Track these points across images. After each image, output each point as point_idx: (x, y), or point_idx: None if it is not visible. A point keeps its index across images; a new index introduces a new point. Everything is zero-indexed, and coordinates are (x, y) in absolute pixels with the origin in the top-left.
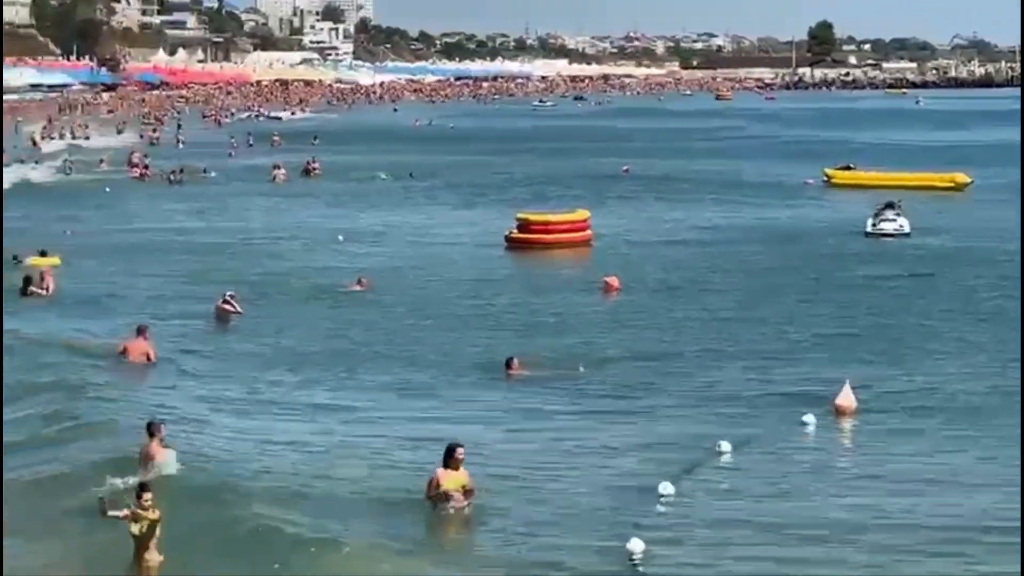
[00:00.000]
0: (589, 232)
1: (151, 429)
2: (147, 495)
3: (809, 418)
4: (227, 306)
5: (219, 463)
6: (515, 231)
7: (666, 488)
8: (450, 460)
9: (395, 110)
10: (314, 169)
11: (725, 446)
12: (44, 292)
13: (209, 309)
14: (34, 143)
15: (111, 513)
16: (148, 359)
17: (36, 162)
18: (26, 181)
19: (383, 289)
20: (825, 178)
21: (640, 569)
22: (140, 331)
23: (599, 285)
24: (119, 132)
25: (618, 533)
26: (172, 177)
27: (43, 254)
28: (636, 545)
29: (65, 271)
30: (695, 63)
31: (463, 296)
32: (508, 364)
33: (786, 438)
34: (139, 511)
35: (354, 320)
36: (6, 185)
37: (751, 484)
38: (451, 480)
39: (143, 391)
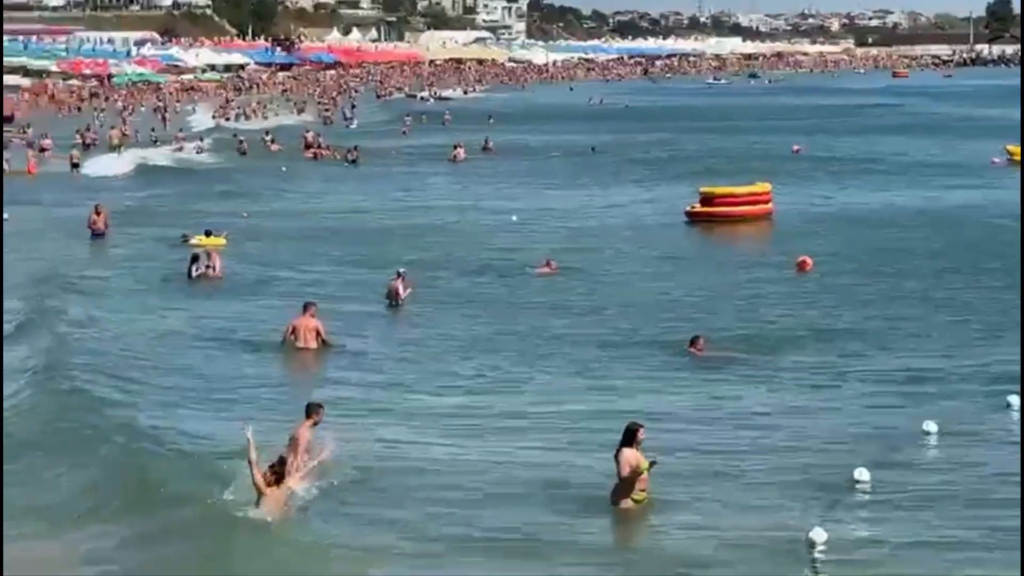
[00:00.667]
0: (771, 205)
1: (309, 411)
2: (274, 468)
3: (1014, 399)
4: (399, 283)
5: (385, 448)
6: (697, 205)
7: (862, 475)
8: (632, 441)
9: (571, 89)
10: (490, 148)
11: (931, 426)
12: (212, 272)
13: (383, 287)
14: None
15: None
16: (318, 335)
17: (201, 140)
18: (195, 161)
19: (567, 269)
20: (1009, 156)
21: (821, 561)
22: (306, 308)
23: (792, 263)
24: (299, 112)
25: (805, 522)
26: (348, 157)
27: (208, 234)
28: (819, 535)
29: (238, 253)
30: (870, 40)
31: (646, 274)
32: (693, 343)
33: (991, 420)
34: (263, 482)
35: (536, 301)
36: (176, 165)
37: (957, 469)
38: (637, 461)
39: (310, 375)
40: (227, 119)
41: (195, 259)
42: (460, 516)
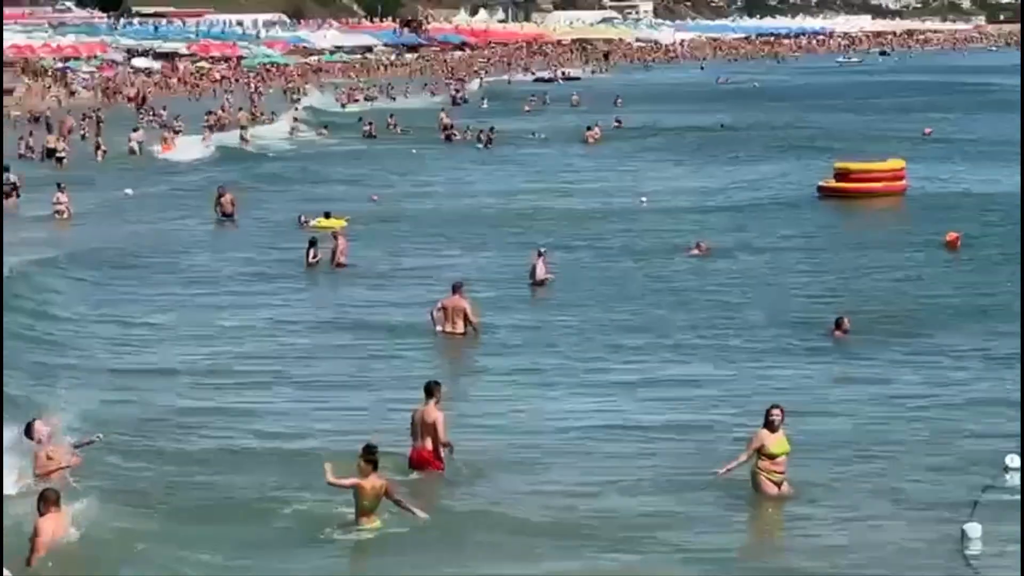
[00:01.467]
0: (905, 182)
1: (429, 389)
2: (370, 458)
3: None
4: (539, 261)
5: (514, 434)
6: (831, 180)
7: (1013, 460)
8: (768, 422)
9: (702, 68)
10: (618, 126)
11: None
12: (340, 257)
13: (524, 267)
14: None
15: (332, 480)
16: (465, 317)
17: (325, 128)
18: (317, 143)
19: (715, 250)
20: None
21: (975, 556)
22: (455, 288)
23: (937, 240)
24: (432, 95)
25: (957, 515)
26: (480, 138)
27: (327, 215)
28: (974, 530)
29: (366, 237)
30: (1002, 17)
31: (789, 253)
32: (837, 324)
33: None
34: (359, 479)
35: (688, 284)
36: (297, 146)
37: None
38: (775, 444)
39: (451, 361)
40: (355, 100)
41: (312, 243)
42: (601, 504)
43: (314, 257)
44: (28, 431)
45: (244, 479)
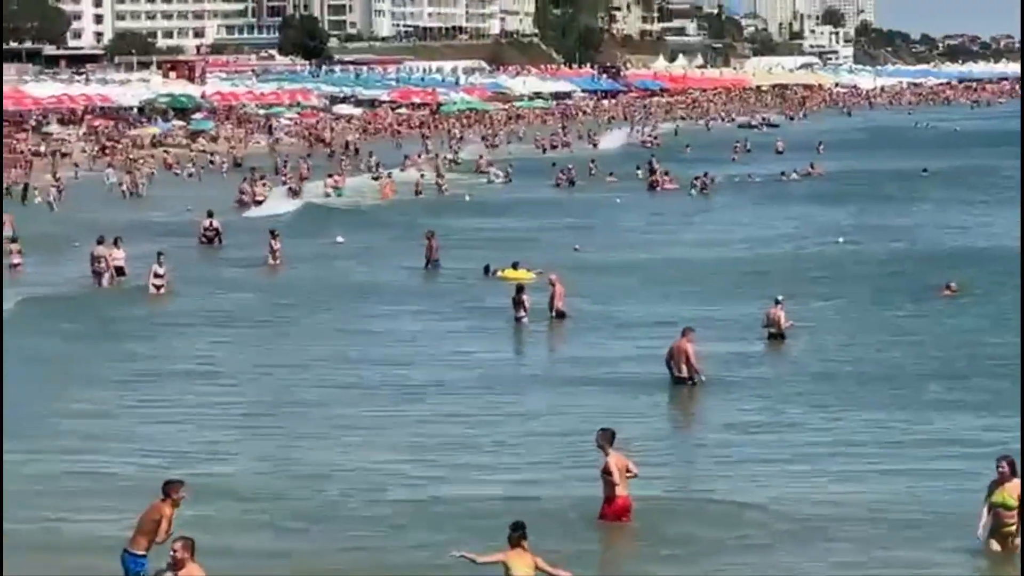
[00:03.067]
0: None
1: (600, 439)
2: (515, 535)
3: None
4: (779, 311)
5: (722, 485)
6: None
7: None
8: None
9: (909, 113)
10: (818, 172)
11: None
12: (559, 303)
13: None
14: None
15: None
16: (687, 360)
17: (501, 176)
18: (495, 188)
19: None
20: None
21: None
22: (684, 332)
23: None
24: (628, 140)
25: None
26: (695, 184)
27: (515, 266)
28: None
29: (572, 287)
30: None
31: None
32: None
33: None
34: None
35: (934, 329)
36: (488, 192)
37: None
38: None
39: (671, 407)
40: (553, 147)
41: (520, 290)
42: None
43: (519, 315)
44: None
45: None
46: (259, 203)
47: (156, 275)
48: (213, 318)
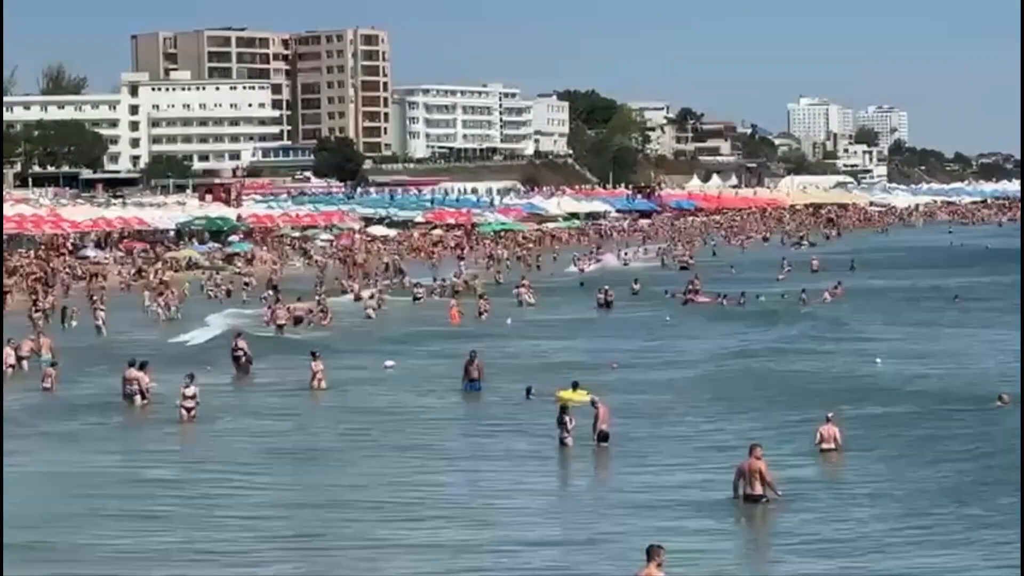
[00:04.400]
0: None
1: (650, 554)
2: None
3: None
4: (831, 426)
5: None
6: None
7: None
8: None
9: (950, 231)
10: (837, 294)
11: None
12: (603, 425)
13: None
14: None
15: None
16: (762, 478)
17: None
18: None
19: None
20: None
21: None
22: (752, 450)
23: None
24: (662, 264)
25: None
26: (741, 302)
27: (575, 387)
28: None
29: (624, 409)
30: None
31: None
32: None
33: None
34: None
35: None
36: (532, 315)
37: None
38: None
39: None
40: (586, 267)
41: (564, 410)
42: None
43: (563, 436)
44: None
45: None
46: (298, 321)
47: (185, 396)
48: (253, 448)
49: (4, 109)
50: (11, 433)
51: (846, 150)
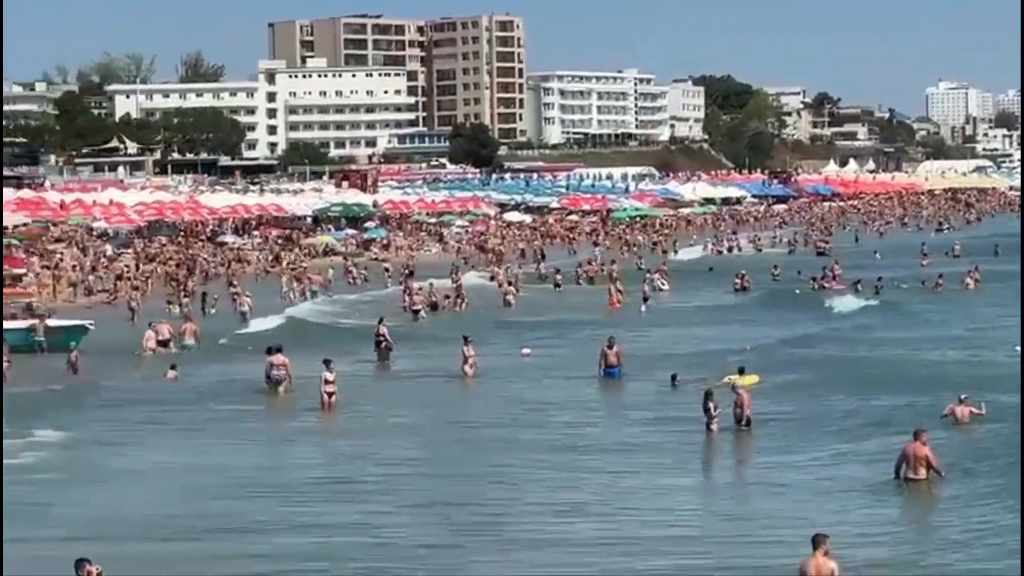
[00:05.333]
0: None
1: (816, 542)
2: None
3: None
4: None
5: None
6: None
7: None
8: None
9: None
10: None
11: None
12: (747, 411)
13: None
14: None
15: None
16: (928, 464)
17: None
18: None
19: None
20: None
21: None
22: (917, 435)
23: None
24: (790, 251)
25: None
26: (877, 288)
27: (741, 372)
28: None
29: (776, 391)
30: None
31: None
32: None
33: None
34: None
35: None
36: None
37: None
38: None
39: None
40: (720, 251)
41: (708, 395)
42: None
43: (712, 418)
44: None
45: None
46: (434, 308)
47: (327, 382)
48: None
49: (138, 97)
50: (160, 419)
51: (985, 134)
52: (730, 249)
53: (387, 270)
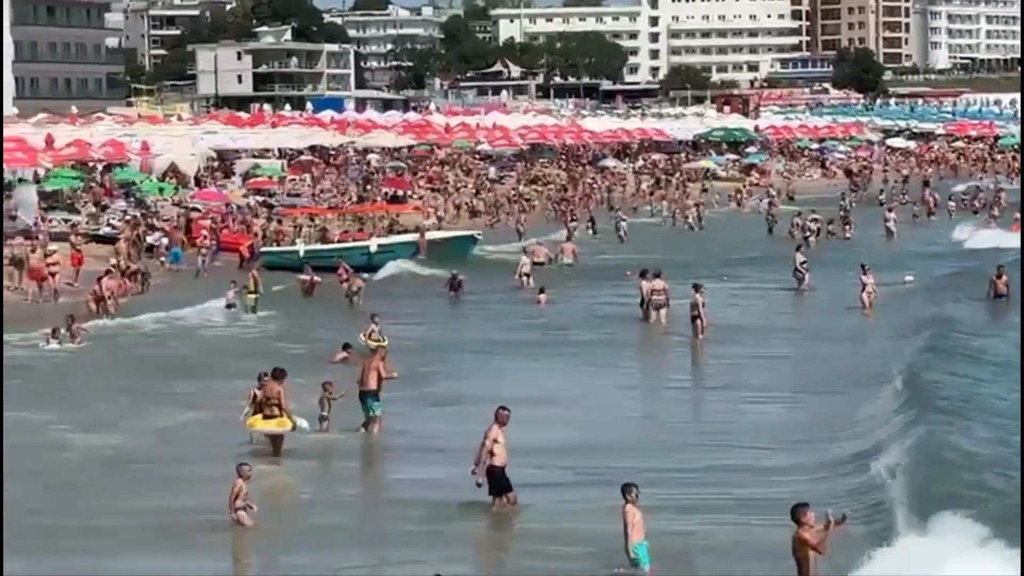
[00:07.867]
0: None
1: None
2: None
3: None
4: None
5: None
6: None
7: None
8: None
9: None
10: None
11: None
12: None
13: None
14: None
15: None
16: None
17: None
18: None
19: None
20: None
21: None
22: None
23: None
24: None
25: None
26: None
27: None
28: None
29: None
30: None
31: None
32: None
33: None
34: None
35: None
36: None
37: None
38: None
39: None
40: None
41: None
42: None
43: None
44: None
45: None
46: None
47: (694, 306)
48: None
49: (521, 21)
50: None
51: None
52: None
53: (770, 195)
